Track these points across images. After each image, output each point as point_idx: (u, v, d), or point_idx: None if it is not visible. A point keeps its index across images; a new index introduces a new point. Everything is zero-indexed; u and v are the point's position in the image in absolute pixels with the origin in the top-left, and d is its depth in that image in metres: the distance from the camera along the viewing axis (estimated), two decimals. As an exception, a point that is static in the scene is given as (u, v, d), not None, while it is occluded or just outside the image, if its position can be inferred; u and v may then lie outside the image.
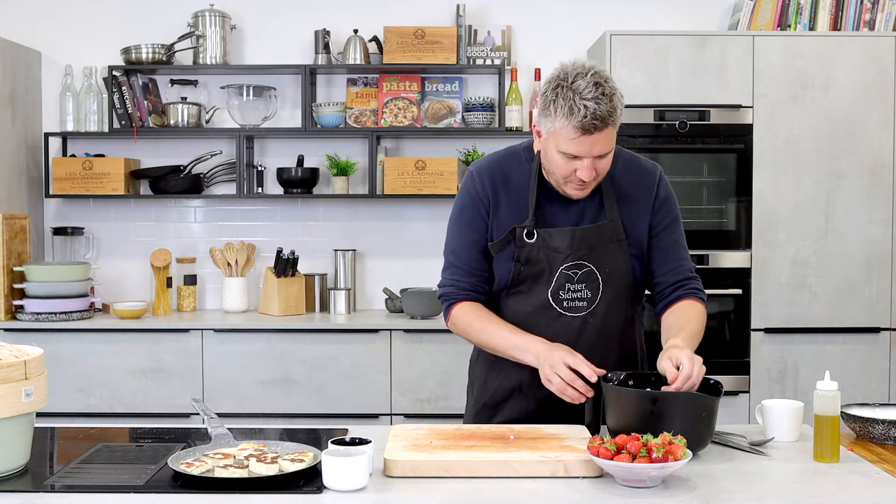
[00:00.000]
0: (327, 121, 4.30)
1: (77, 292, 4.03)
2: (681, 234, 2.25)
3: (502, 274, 2.18)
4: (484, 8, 4.44)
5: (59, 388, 3.78)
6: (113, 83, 4.24)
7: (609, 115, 1.99)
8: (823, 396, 1.83)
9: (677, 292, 2.20)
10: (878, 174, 3.94)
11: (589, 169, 2.04)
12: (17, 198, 4.19)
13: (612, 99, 2.00)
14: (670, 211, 2.22)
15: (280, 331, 3.96)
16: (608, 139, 2.03)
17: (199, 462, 1.69)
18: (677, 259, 2.22)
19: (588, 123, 1.97)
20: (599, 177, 2.09)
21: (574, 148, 2.02)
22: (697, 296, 2.21)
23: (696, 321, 2.16)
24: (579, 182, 2.07)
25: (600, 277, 2.14)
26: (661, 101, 3.92)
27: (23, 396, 1.69)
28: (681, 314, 2.17)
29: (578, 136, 1.99)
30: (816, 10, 4.12)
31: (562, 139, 2.02)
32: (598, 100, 1.97)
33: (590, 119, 1.97)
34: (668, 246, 2.21)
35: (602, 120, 1.98)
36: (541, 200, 2.16)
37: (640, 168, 2.22)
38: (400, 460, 1.72)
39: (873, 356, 3.96)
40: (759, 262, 3.94)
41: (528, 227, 2.13)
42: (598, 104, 1.97)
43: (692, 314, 2.17)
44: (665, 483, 1.67)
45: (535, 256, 2.14)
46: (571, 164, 2.05)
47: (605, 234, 2.14)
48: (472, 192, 2.20)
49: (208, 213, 4.50)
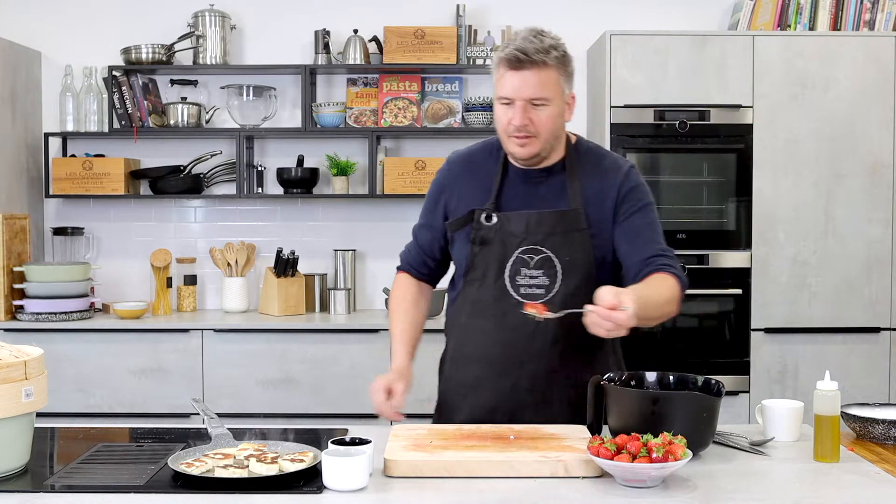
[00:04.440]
0: (327, 121, 4.30)
1: (77, 292, 4.03)
2: (653, 220, 2.15)
3: (461, 258, 2.19)
4: (484, 8, 4.44)
5: (59, 388, 3.78)
6: (113, 83, 4.24)
7: (537, 52, 2.01)
8: (823, 396, 1.83)
9: (646, 269, 2.08)
10: (878, 174, 3.94)
11: (521, 113, 2.04)
12: (17, 198, 4.19)
13: (544, 41, 2.04)
14: (639, 199, 2.14)
15: (280, 331, 3.96)
16: (540, 82, 2.04)
17: (199, 462, 1.70)
18: (646, 241, 2.11)
19: (512, 55, 2.01)
20: (540, 134, 2.07)
21: (506, 87, 2.04)
22: (668, 270, 2.07)
23: (659, 287, 2.02)
24: (515, 132, 2.06)
25: (559, 265, 2.10)
26: (661, 101, 3.92)
27: (23, 396, 1.69)
28: (643, 282, 2.05)
29: (507, 71, 2.03)
30: (816, 10, 4.11)
31: (498, 85, 2.07)
32: (527, 39, 2.04)
33: (513, 50, 2.01)
34: (635, 229, 2.12)
35: (527, 54, 2.01)
36: (506, 186, 2.17)
37: (606, 162, 2.19)
38: (400, 460, 1.72)
39: (873, 356, 3.96)
40: (759, 262, 3.94)
41: (488, 210, 2.14)
42: (527, 42, 2.03)
43: (655, 281, 2.04)
44: (665, 483, 1.67)
45: (490, 238, 2.13)
46: (508, 112, 2.06)
47: (566, 221, 2.11)
48: (439, 179, 2.28)
49: (208, 213, 4.50)
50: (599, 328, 1.81)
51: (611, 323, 1.79)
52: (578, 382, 2.07)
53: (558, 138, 2.15)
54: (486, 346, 2.15)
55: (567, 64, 2.12)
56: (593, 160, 2.19)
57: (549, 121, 2.08)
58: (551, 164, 2.17)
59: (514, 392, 2.12)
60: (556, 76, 2.07)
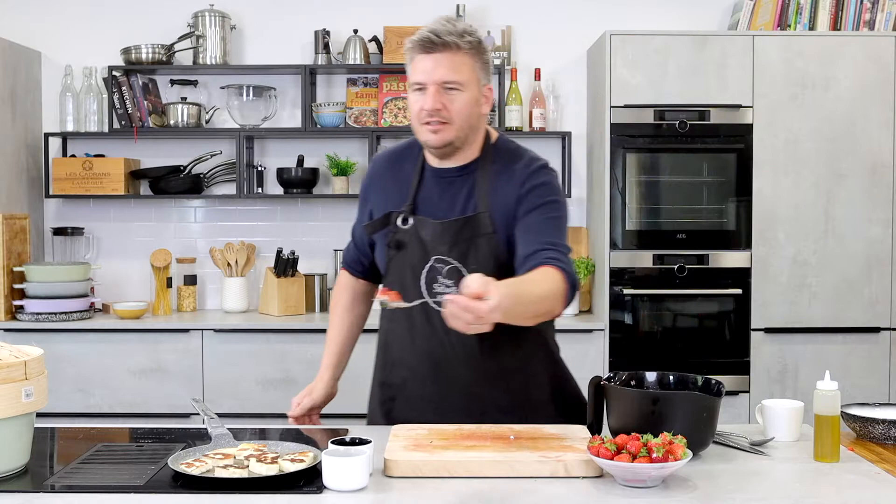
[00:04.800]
0: (327, 121, 4.30)
1: (77, 292, 4.03)
2: (553, 217, 2.02)
3: (380, 262, 2.16)
4: (484, 8, 4.44)
5: (59, 388, 3.78)
6: (113, 83, 4.24)
7: (449, 34, 1.97)
8: (823, 396, 1.83)
9: (530, 262, 1.95)
10: (878, 174, 3.95)
11: (433, 97, 1.97)
12: (17, 198, 4.19)
13: (457, 25, 2.00)
14: (541, 196, 2.02)
15: (280, 331, 3.96)
16: (453, 65, 1.98)
17: (199, 462, 1.69)
18: (537, 235, 1.99)
19: (424, 37, 1.98)
20: (454, 120, 1.99)
21: (417, 72, 2.00)
22: (554, 263, 1.92)
23: (538, 281, 1.88)
24: (428, 117, 1.99)
25: (467, 274, 1.94)
26: (661, 101, 3.92)
27: (23, 396, 1.69)
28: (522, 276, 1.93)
29: (418, 55, 1.99)
30: (816, 10, 4.12)
31: (410, 71, 2.03)
32: (439, 22, 2.00)
33: (426, 33, 1.98)
34: (530, 226, 2.00)
35: (439, 36, 1.97)
36: (422, 188, 2.10)
37: (519, 161, 2.09)
38: (400, 460, 1.71)
39: (873, 356, 3.96)
40: (759, 262, 3.95)
41: (404, 213, 2.08)
42: (438, 24, 1.99)
43: (535, 275, 1.90)
44: (665, 483, 1.66)
45: (405, 242, 2.07)
46: (420, 99, 2.00)
47: (471, 227, 2.02)
48: (365, 177, 2.25)
49: (208, 213, 4.50)
50: (458, 320, 1.68)
51: (470, 314, 1.67)
52: (509, 388, 2.07)
53: (474, 129, 2.06)
54: (407, 352, 2.11)
55: (482, 52, 2.04)
56: (506, 160, 2.09)
57: (464, 107, 2.00)
58: (465, 162, 2.09)
59: (442, 399, 2.07)
60: (469, 61, 2.00)
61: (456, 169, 2.09)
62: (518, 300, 1.79)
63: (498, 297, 1.68)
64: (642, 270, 3.96)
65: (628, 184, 3.95)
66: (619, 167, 3.94)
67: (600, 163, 4.05)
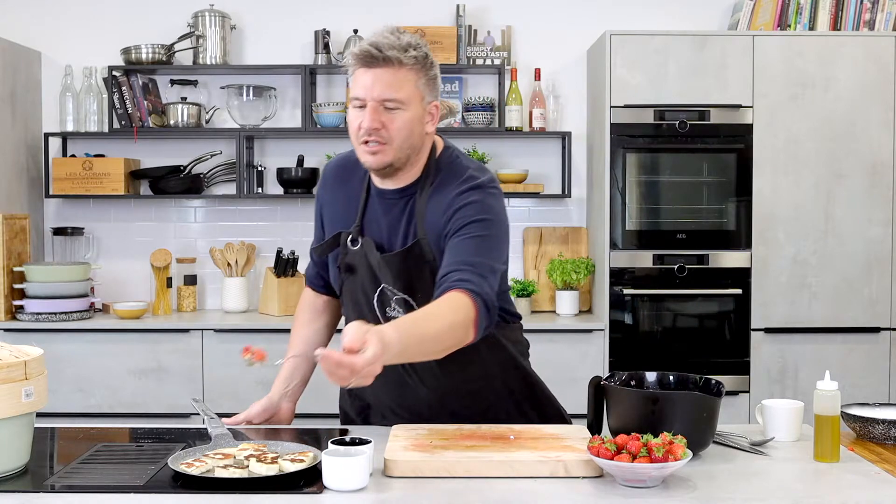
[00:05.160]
0: (327, 121, 4.30)
1: (77, 292, 4.03)
2: (477, 237, 1.88)
3: (335, 283, 2.09)
4: (484, 8, 4.44)
5: (59, 388, 3.78)
6: (113, 83, 4.24)
7: (391, 48, 1.85)
8: (823, 396, 1.83)
9: (440, 288, 1.84)
10: (878, 174, 3.95)
11: (372, 115, 1.86)
12: (17, 198, 4.19)
13: (402, 39, 1.88)
14: (464, 217, 1.90)
15: (280, 331, 3.95)
16: (395, 81, 1.86)
17: (199, 462, 1.69)
18: (455, 255, 1.87)
19: (365, 51, 1.86)
20: (392, 140, 1.89)
21: (357, 86, 1.88)
22: (462, 286, 1.81)
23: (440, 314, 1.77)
24: (366, 136, 1.89)
25: (416, 304, 1.94)
26: (661, 101, 3.92)
27: (23, 396, 1.69)
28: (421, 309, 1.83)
29: (359, 69, 1.88)
30: (816, 10, 4.12)
31: (351, 83, 1.91)
32: (382, 34, 1.89)
33: (366, 46, 1.86)
34: (450, 248, 1.89)
35: (380, 50, 1.85)
36: (369, 208, 2.02)
37: (457, 180, 1.96)
38: (400, 460, 1.71)
39: (873, 356, 3.96)
40: (759, 262, 3.94)
41: (353, 234, 2.01)
42: (381, 37, 1.88)
43: (437, 306, 1.79)
44: (665, 483, 1.66)
45: (355, 265, 2.00)
46: (359, 116, 1.89)
47: (411, 257, 1.93)
48: (318, 191, 2.17)
49: (208, 213, 4.50)
50: (333, 376, 1.58)
51: (345, 370, 1.56)
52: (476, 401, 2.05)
53: (416, 149, 1.95)
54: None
55: (428, 68, 1.92)
56: (443, 180, 1.97)
57: (405, 127, 1.89)
58: (406, 184, 1.98)
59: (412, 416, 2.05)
60: (413, 77, 1.88)
61: (397, 191, 1.99)
62: (414, 340, 1.69)
63: (376, 348, 1.57)
64: (642, 270, 3.96)
65: (628, 184, 3.95)
66: (619, 167, 3.94)
67: (600, 163, 4.05)
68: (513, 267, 4.42)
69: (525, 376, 2.15)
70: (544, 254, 4.39)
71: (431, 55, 1.94)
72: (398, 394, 2.08)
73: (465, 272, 1.83)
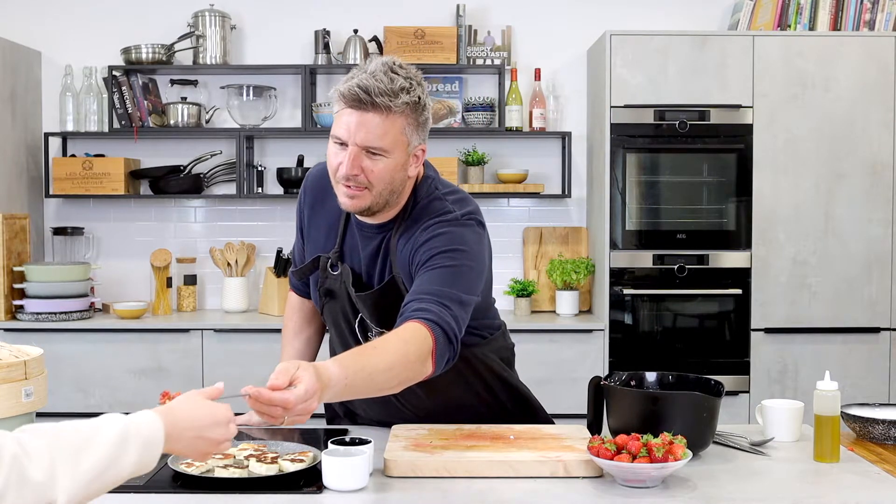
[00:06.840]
0: (327, 121, 4.30)
1: (77, 292, 4.03)
2: (444, 267, 1.80)
3: (316, 303, 2.06)
4: (484, 8, 4.44)
5: (59, 388, 3.78)
6: (113, 83, 4.24)
7: (382, 94, 1.74)
8: (823, 396, 1.83)
9: (400, 319, 1.76)
10: (878, 174, 3.95)
11: (352, 161, 1.77)
12: (17, 198, 4.19)
13: (395, 81, 1.76)
14: (431, 249, 1.82)
15: (280, 331, 3.95)
16: (381, 130, 1.76)
17: (199, 462, 1.69)
18: (417, 286, 1.80)
19: (353, 92, 1.75)
20: (373, 186, 1.81)
21: (340, 125, 1.78)
22: (417, 316, 1.72)
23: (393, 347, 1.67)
24: (345, 181, 1.80)
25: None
26: (661, 101, 3.92)
27: (23, 396, 1.69)
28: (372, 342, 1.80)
29: (342, 107, 1.77)
30: (816, 10, 4.12)
31: (335, 117, 1.81)
32: (374, 75, 1.76)
33: (354, 85, 1.74)
34: (417, 281, 1.82)
35: (368, 93, 1.73)
36: (348, 234, 1.97)
37: (428, 217, 1.88)
38: (400, 460, 1.71)
39: (873, 356, 3.96)
40: (759, 262, 3.95)
41: (333, 259, 1.96)
42: (373, 79, 1.75)
43: (391, 338, 1.70)
44: (665, 483, 1.66)
45: (335, 290, 1.96)
46: (339, 155, 1.80)
47: (388, 295, 1.89)
48: (298, 204, 2.09)
49: (208, 213, 4.50)
50: (265, 415, 1.49)
51: (277, 407, 1.47)
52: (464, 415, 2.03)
53: (395, 193, 1.86)
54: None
55: (419, 112, 1.81)
56: (418, 215, 1.89)
57: (386, 173, 1.81)
58: (384, 220, 1.92)
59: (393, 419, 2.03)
60: (401, 123, 1.78)
61: (375, 227, 1.93)
62: (361, 375, 1.60)
63: (309, 384, 1.47)
64: (642, 270, 3.96)
65: (628, 184, 3.95)
66: (619, 167, 3.94)
67: (600, 163, 4.05)
68: (513, 267, 4.43)
69: (511, 388, 2.13)
70: (544, 254, 4.39)
71: (425, 96, 1.83)
72: (386, 413, 2.07)
73: (424, 301, 1.75)
